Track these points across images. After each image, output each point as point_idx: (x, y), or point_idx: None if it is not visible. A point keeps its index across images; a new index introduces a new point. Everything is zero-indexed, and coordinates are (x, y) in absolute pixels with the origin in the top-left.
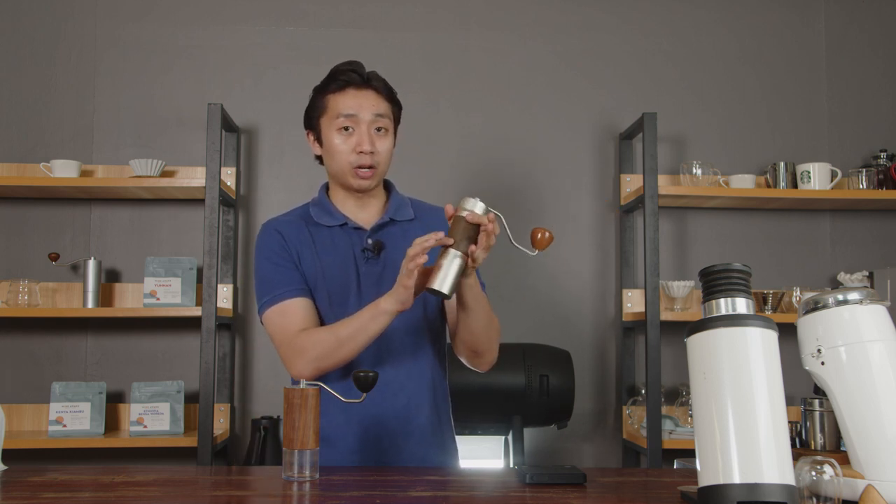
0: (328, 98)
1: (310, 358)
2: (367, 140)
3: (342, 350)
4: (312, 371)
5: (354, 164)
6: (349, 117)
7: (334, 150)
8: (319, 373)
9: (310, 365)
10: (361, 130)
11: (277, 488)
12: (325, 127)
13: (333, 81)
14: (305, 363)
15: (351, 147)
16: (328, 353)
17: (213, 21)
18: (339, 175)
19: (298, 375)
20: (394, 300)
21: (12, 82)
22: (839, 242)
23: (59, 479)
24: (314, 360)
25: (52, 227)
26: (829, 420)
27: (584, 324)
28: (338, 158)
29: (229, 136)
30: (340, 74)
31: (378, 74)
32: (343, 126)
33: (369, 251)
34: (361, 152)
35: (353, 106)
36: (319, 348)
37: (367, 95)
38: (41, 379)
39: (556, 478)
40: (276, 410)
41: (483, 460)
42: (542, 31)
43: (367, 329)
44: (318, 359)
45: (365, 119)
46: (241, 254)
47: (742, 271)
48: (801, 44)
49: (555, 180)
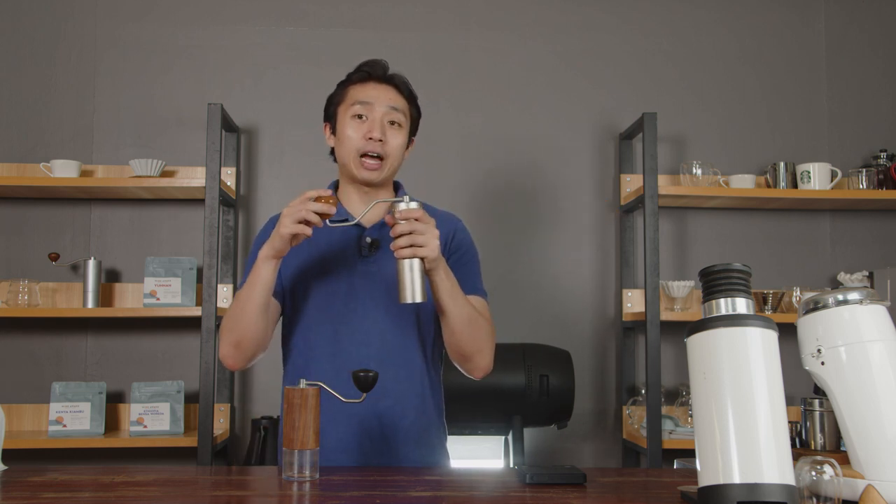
0: (349, 88)
1: (223, 336)
2: (377, 128)
3: (244, 312)
4: (230, 349)
5: (362, 150)
6: (364, 104)
7: (344, 136)
8: (239, 353)
9: (222, 343)
10: (374, 118)
11: (277, 488)
12: (341, 115)
13: (356, 72)
14: (223, 343)
15: (361, 134)
16: (235, 320)
17: (213, 21)
18: (346, 164)
19: (223, 358)
20: (269, 247)
21: (12, 82)
22: (839, 242)
23: (59, 479)
24: (225, 336)
25: (52, 227)
26: (829, 420)
27: (584, 324)
28: (346, 145)
29: (229, 136)
30: (366, 66)
31: (403, 77)
32: (357, 114)
33: (365, 249)
34: (371, 139)
35: (371, 95)
36: (228, 319)
37: (386, 88)
38: (41, 379)
39: (556, 478)
40: (276, 410)
41: (483, 460)
42: (542, 31)
43: (255, 282)
44: (228, 330)
45: (380, 109)
46: (241, 254)
47: (742, 271)
48: (801, 44)
49: (555, 180)
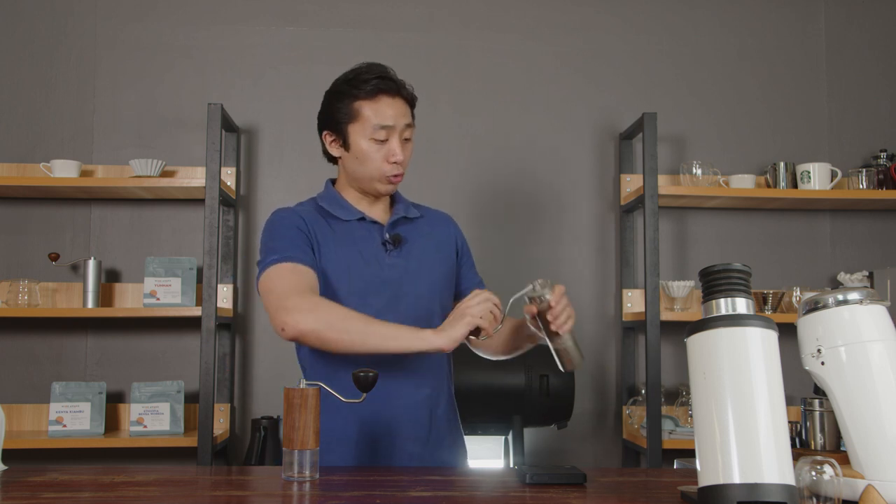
0: (360, 105)
1: (324, 319)
2: (398, 150)
3: (363, 338)
4: (312, 329)
5: (388, 173)
6: (386, 129)
7: (366, 157)
8: (310, 337)
9: (319, 324)
10: (395, 140)
11: (277, 488)
12: (356, 133)
13: (364, 85)
14: (316, 319)
15: (383, 156)
16: (348, 330)
17: (213, 21)
18: (366, 180)
19: (296, 326)
20: (446, 338)
21: (12, 82)
22: (839, 242)
23: (59, 479)
24: (326, 324)
25: (52, 227)
26: (829, 420)
27: (584, 324)
28: (369, 166)
29: (229, 136)
30: (372, 78)
31: (405, 83)
32: (379, 139)
33: (389, 244)
34: (395, 162)
35: (391, 116)
36: (343, 320)
37: (399, 105)
38: (41, 379)
39: (556, 478)
40: (276, 410)
41: (483, 460)
42: (542, 31)
43: (401, 340)
44: (332, 327)
45: (399, 129)
46: (241, 254)
47: (742, 271)
48: (801, 44)
49: (555, 180)
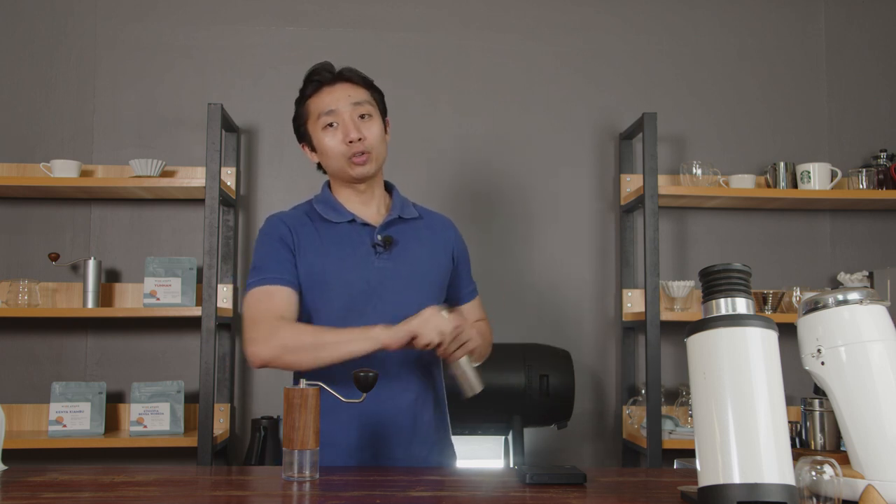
0: (308, 103)
1: (279, 344)
2: (352, 128)
3: (316, 353)
4: (271, 358)
5: (348, 154)
6: (330, 114)
7: (326, 148)
8: (276, 363)
9: (275, 351)
10: (345, 121)
11: (277, 488)
12: (313, 131)
13: (308, 87)
14: (271, 347)
15: (339, 140)
16: (300, 348)
17: (213, 21)
18: (339, 171)
19: (256, 356)
20: (390, 335)
21: (12, 82)
22: (839, 242)
23: (59, 479)
24: (281, 349)
25: (52, 227)
26: (829, 420)
27: (584, 324)
28: (331, 155)
29: (229, 136)
30: (314, 76)
31: (350, 67)
32: (327, 123)
33: (380, 246)
34: (351, 142)
35: (330, 102)
36: (295, 340)
37: (341, 88)
38: (41, 379)
39: (556, 478)
40: (276, 410)
41: (483, 460)
42: (542, 31)
43: (349, 344)
44: (287, 349)
45: (345, 110)
46: (241, 254)
47: (742, 271)
48: (801, 44)
49: (555, 180)
